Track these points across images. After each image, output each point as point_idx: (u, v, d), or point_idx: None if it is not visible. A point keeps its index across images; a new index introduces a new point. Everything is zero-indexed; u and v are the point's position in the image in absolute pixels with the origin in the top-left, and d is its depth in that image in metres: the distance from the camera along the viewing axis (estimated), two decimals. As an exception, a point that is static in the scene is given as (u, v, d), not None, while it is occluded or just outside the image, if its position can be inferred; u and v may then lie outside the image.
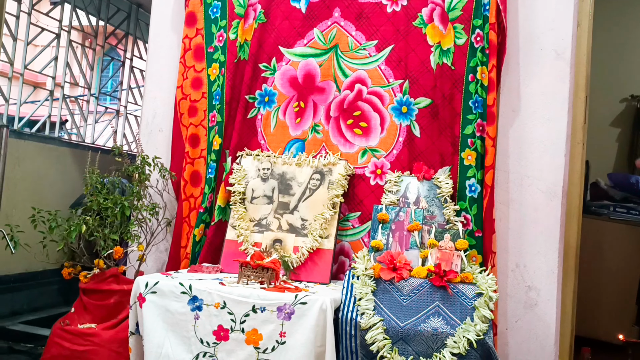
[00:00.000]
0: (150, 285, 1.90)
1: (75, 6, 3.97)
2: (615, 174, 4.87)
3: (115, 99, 4.67)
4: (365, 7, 2.29)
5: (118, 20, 4.51)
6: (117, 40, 4.73)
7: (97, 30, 4.32)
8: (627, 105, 5.50)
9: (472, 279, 1.81)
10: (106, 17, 4.34)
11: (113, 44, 4.67)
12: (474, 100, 2.11)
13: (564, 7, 2.14)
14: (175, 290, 1.88)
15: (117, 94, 4.65)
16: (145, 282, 1.92)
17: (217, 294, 1.84)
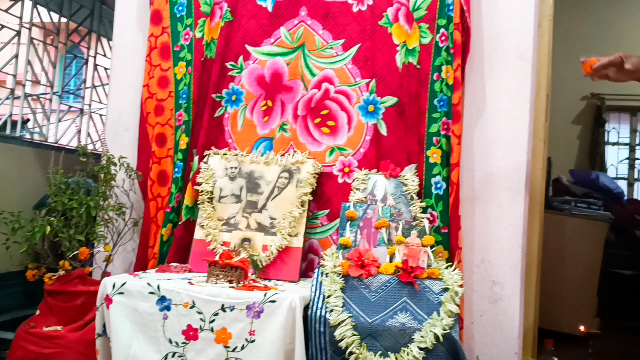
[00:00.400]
0: (117, 286, 1.88)
1: (36, 2, 3.88)
2: (576, 170, 5.02)
3: (79, 97, 4.58)
4: (331, 7, 2.30)
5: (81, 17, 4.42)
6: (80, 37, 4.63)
7: (59, 27, 4.23)
8: (588, 103, 5.67)
9: (438, 274, 1.84)
10: (68, 13, 4.25)
11: (76, 41, 4.58)
12: (439, 99, 2.14)
13: (525, 9, 2.20)
14: (143, 290, 1.86)
15: (81, 93, 4.56)
16: (112, 282, 1.90)
17: (186, 293, 1.83)
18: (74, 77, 5.20)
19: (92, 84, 4.54)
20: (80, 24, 4.45)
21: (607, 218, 3.61)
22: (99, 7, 4.48)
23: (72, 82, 5.39)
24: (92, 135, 4.55)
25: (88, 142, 4.49)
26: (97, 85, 4.61)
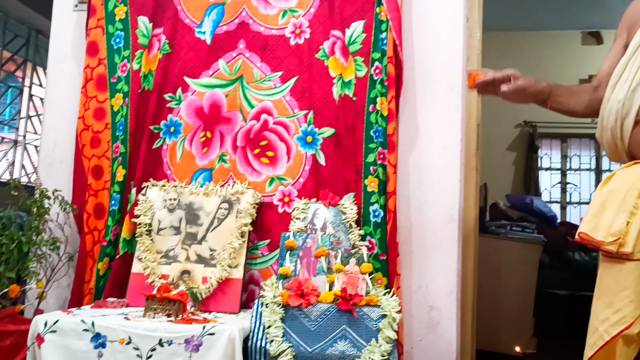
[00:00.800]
0: (49, 324, 1.82)
1: (-32, 31, 3.78)
2: (512, 195, 5.23)
3: (14, 128, 4.45)
4: (269, 40, 2.35)
5: (16, 46, 4.32)
6: (15, 66, 4.52)
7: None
8: (521, 131, 5.95)
9: (376, 301, 1.88)
10: (3, 42, 4.15)
11: (11, 70, 4.46)
12: (374, 130, 2.21)
13: (455, 43, 2.31)
14: (76, 328, 1.81)
15: (16, 123, 4.43)
16: (44, 321, 1.83)
17: (122, 329, 1.79)
18: (9, 107, 5.05)
19: (27, 115, 4.41)
20: (15, 53, 4.35)
21: (540, 241, 3.76)
22: (34, 36, 4.40)
23: (7, 112, 5.22)
24: (28, 167, 4.41)
25: (22, 174, 4.34)
26: (32, 115, 4.49)
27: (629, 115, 1.61)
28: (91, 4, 2.48)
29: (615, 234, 1.54)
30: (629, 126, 1.62)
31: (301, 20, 2.33)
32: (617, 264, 1.56)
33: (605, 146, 1.72)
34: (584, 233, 1.57)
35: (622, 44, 1.78)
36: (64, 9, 2.62)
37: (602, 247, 1.55)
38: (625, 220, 1.55)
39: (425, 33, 2.33)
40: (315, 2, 2.33)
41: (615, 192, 1.59)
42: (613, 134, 1.65)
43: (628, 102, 1.61)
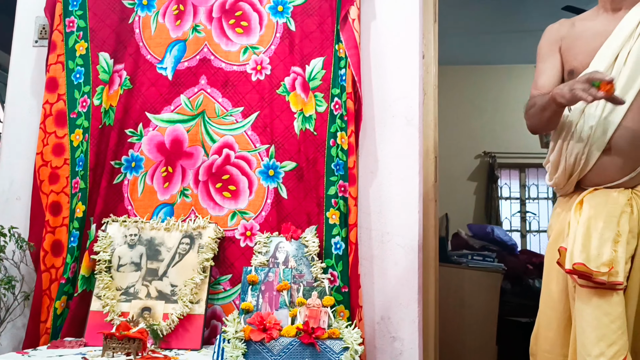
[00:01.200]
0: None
1: None
2: (474, 224, 5.32)
3: (-31, 163, 4.34)
4: (230, 76, 2.38)
5: (-27, 80, 4.25)
6: (-28, 101, 4.44)
7: (-51, 91, 4.05)
8: (481, 161, 6.09)
9: (338, 334, 1.88)
10: (-41, 77, 4.08)
11: (-33, 105, 4.38)
12: (335, 163, 2.25)
13: (411, 79, 2.38)
14: (31, 370, 1.76)
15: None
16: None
17: (79, 370, 1.75)
18: (-35, 142, 4.93)
19: (-16, 150, 4.32)
20: (-28, 88, 4.27)
21: (500, 269, 3.84)
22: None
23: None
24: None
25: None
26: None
27: (597, 142, 1.65)
28: (51, 40, 2.48)
29: (607, 264, 1.52)
30: (596, 153, 1.65)
31: (262, 56, 2.38)
32: (603, 295, 1.53)
33: (560, 172, 1.74)
34: (581, 264, 1.53)
35: (557, 62, 1.82)
36: (24, 45, 2.61)
37: (596, 278, 1.52)
38: (611, 249, 1.54)
39: (383, 69, 2.40)
40: (275, 40, 2.38)
41: (595, 220, 1.58)
42: (576, 160, 1.68)
43: (599, 129, 1.64)
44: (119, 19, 2.47)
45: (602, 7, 1.79)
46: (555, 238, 1.81)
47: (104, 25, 2.47)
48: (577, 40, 1.79)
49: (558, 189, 1.84)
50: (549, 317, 1.78)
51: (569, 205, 1.77)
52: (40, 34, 2.59)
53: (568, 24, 1.86)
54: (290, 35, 2.37)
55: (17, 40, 2.63)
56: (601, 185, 1.69)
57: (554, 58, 1.85)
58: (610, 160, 1.66)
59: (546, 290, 1.82)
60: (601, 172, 1.68)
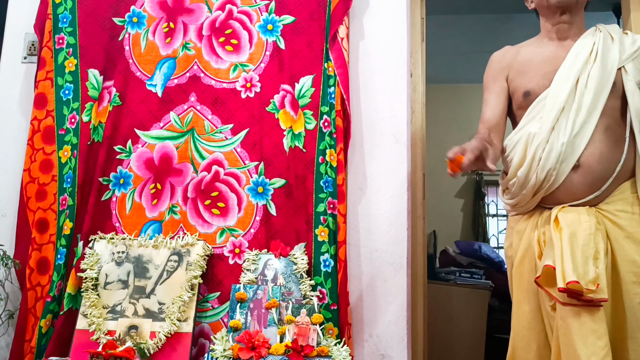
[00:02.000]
0: (-14, 387, 1.74)
1: None
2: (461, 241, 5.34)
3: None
4: (220, 93, 2.39)
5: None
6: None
7: None
8: (468, 179, 6.14)
9: (327, 352, 1.88)
10: (-54, 93, 4.05)
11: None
12: (324, 180, 2.26)
13: (399, 97, 2.41)
14: (15, 390, 1.73)
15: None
16: (-20, 384, 1.75)
17: (64, 390, 1.73)
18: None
19: (-31, 166, 4.28)
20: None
21: (488, 286, 3.84)
22: (-20, 86, 4.31)
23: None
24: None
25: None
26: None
27: (567, 160, 1.71)
28: (41, 56, 2.48)
29: (593, 281, 1.55)
30: (566, 170, 1.71)
31: (252, 74, 2.39)
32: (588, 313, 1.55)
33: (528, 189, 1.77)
34: (576, 282, 1.54)
35: (502, 91, 1.94)
36: (13, 61, 2.60)
37: (586, 296, 1.55)
38: (594, 266, 1.58)
39: (372, 87, 2.43)
40: (265, 58, 2.40)
41: (576, 237, 1.62)
42: (547, 176, 1.73)
43: (569, 147, 1.71)
44: (109, 36, 2.48)
45: (547, 36, 1.93)
46: (521, 257, 1.81)
47: (94, 42, 2.47)
48: (528, 65, 1.90)
49: (519, 206, 1.87)
50: (527, 338, 1.77)
51: (532, 222, 1.81)
52: (30, 50, 2.59)
53: (513, 51, 1.98)
54: (279, 53, 2.39)
55: (5, 57, 2.62)
56: (566, 203, 1.75)
57: (497, 86, 1.96)
58: (578, 178, 1.72)
59: (519, 311, 1.82)
60: (569, 190, 1.73)
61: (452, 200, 6.12)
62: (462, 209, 6.18)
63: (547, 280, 1.66)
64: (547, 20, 1.93)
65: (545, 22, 1.94)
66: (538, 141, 1.75)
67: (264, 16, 2.44)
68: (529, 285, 1.77)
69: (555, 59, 1.84)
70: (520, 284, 1.81)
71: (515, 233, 1.88)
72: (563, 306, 1.61)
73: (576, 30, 1.89)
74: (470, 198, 6.15)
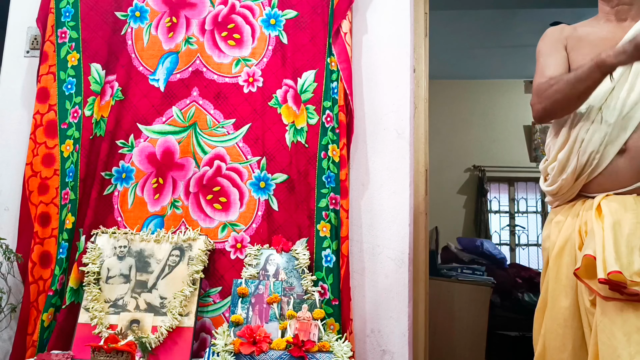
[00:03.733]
0: (-12, 380, 1.74)
1: None
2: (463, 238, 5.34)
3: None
4: (223, 87, 2.39)
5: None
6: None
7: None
8: (471, 175, 6.13)
9: (329, 347, 1.88)
10: (-52, 86, 4.05)
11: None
12: (327, 176, 2.26)
13: (402, 92, 2.40)
14: (17, 383, 1.74)
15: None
16: (-18, 377, 1.75)
17: (66, 383, 1.73)
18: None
19: (-29, 160, 4.28)
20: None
21: (489, 283, 3.84)
22: (-17, 80, 4.31)
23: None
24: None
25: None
26: (-23, 160, 4.36)
27: (613, 142, 1.61)
28: (43, 51, 2.48)
29: (639, 273, 1.43)
30: (611, 154, 1.61)
31: (254, 69, 2.39)
32: (632, 307, 1.43)
33: (568, 173, 1.65)
34: (618, 272, 1.41)
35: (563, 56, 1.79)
36: (15, 55, 2.60)
37: (630, 289, 1.42)
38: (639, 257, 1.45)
39: (375, 82, 2.42)
40: (268, 52, 2.40)
41: (620, 226, 1.50)
42: (589, 160, 1.62)
43: (616, 128, 1.61)
44: (112, 31, 2.47)
45: (605, 18, 1.83)
46: (560, 248, 1.68)
47: (97, 37, 2.47)
48: (583, 42, 1.79)
49: (559, 195, 1.74)
50: (562, 336, 1.63)
51: (574, 212, 1.69)
52: (32, 44, 2.59)
53: (570, 28, 1.86)
54: (282, 48, 2.39)
55: (8, 51, 2.62)
56: (610, 191, 1.62)
57: (560, 54, 1.81)
58: (624, 163, 1.60)
59: (554, 307, 1.67)
60: (613, 176, 1.61)
61: (454, 197, 6.11)
62: (465, 206, 6.18)
63: (587, 273, 1.52)
64: (606, 3, 1.82)
65: (605, 4, 1.82)
66: (583, 122, 1.65)
67: (267, 10, 2.43)
68: (567, 280, 1.63)
69: (612, 40, 1.70)
70: (558, 277, 1.67)
71: (554, 224, 1.74)
72: (604, 301, 1.47)
73: (636, 11, 1.77)
74: (472, 194, 6.14)
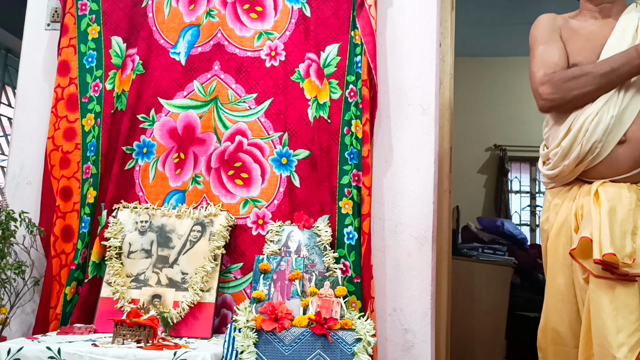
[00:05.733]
0: (13, 351, 1.75)
1: None
2: (483, 218, 5.27)
3: (-21, 148, 4.34)
4: (244, 61, 2.35)
5: (-16, 65, 4.25)
6: (-18, 85, 4.43)
7: (-41, 75, 4.04)
8: (492, 154, 6.03)
9: (351, 325, 1.86)
10: (-30, 61, 4.07)
11: (-23, 89, 4.37)
12: (349, 152, 2.22)
13: (427, 67, 2.34)
14: (41, 355, 1.74)
15: (-19, 143, 4.32)
16: (7, 348, 1.76)
17: (89, 356, 1.73)
18: (-26, 127, 4.92)
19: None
20: (-18, 72, 4.26)
21: (511, 263, 3.80)
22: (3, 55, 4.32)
23: (-28, 132, 5.09)
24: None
25: (-13, 195, 4.22)
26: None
27: (614, 133, 1.70)
28: (64, 23, 2.45)
29: (629, 256, 1.57)
30: (612, 143, 1.70)
31: (277, 42, 2.34)
32: (622, 287, 1.58)
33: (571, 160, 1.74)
34: (612, 254, 1.55)
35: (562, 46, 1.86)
36: (36, 28, 2.58)
37: (621, 269, 1.56)
38: (631, 241, 1.59)
39: (399, 57, 2.36)
40: (290, 25, 2.34)
41: (615, 212, 1.63)
42: (592, 148, 1.71)
43: (617, 120, 1.70)
44: (132, 3, 2.44)
45: (590, 15, 1.91)
46: (558, 229, 1.81)
47: (117, 9, 2.43)
48: (575, 36, 1.87)
49: (558, 178, 1.84)
50: (560, 310, 1.78)
51: (571, 195, 1.80)
52: (53, 17, 2.56)
53: (561, 18, 1.93)
54: (305, 21, 2.33)
55: (28, 24, 2.60)
56: (608, 177, 1.73)
57: (559, 43, 1.87)
58: (624, 152, 1.71)
59: (553, 283, 1.82)
60: (614, 164, 1.71)
61: (475, 176, 6.03)
62: (485, 185, 6.09)
63: (582, 253, 1.65)
64: (589, 1, 1.91)
65: (588, 3, 1.92)
66: (588, 112, 1.73)
67: (290, -18, 2.37)
68: (564, 259, 1.77)
69: (600, 36, 1.82)
70: (556, 257, 1.80)
71: (553, 207, 1.86)
72: (596, 279, 1.62)
73: (619, 7, 1.87)
74: (493, 174, 6.05)
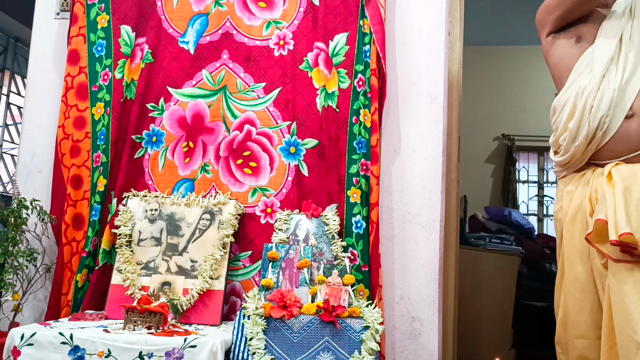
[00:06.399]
0: (26, 337, 1.78)
1: (-57, 38, 3.71)
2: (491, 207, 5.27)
3: (-11, 136, 4.37)
4: (253, 50, 2.35)
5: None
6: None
7: (-31, 64, 4.06)
8: (499, 143, 6.01)
9: (359, 312, 1.87)
10: (-20, 50, 4.09)
11: (-13, 78, 4.39)
12: (357, 141, 2.22)
13: (436, 56, 2.34)
14: (54, 340, 1.77)
15: (-8, 132, 4.35)
16: (20, 333, 1.79)
17: (101, 342, 1.76)
18: (-16, 116, 4.96)
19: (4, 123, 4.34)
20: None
21: (518, 252, 3.80)
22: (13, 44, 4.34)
23: (-18, 121, 5.12)
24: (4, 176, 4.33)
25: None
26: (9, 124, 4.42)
27: (620, 105, 1.66)
28: (73, 12, 2.46)
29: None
30: (619, 117, 1.66)
31: (285, 31, 2.34)
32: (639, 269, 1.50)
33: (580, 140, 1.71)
34: (629, 234, 1.49)
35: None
36: (45, 17, 2.59)
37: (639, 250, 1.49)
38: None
39: (408, 46, 2.36)
40: (299, 14, 2.34)
41: (630, 191, 1.56)
42: (600, 124, 1.67)
43: (621, 93, 1.67)
44: (141, -8, 2.44)
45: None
46: (573, 216, 1.74)
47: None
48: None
49: (570, 164, 1.79)
50: (580, 300, 1.70)
51: (584, 180, 1.74)
52: (62, 6, 2.57)
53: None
54: (314, 10, 2.33)
55: (38, 13, 2.61)
56: (622, 156, 1.68)
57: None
58: (634, 127, 1.66)
59: (570, 273, 1.74)
60: (625, 139, 1.66)
61: (482, 166, 6.02)
62: (492, 175, 6.08)
63: (598, 237, 1.59)
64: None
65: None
66: (589, 90, 1.70)
67: (298, -29, 2.37)
68: (581, 246, 1.69)
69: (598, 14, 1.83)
70: (572, 244, 1.73)
71: (566, 194, 1.80)
72: (615, 263, 1.54)
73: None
74: (501, 163, 6.03)
